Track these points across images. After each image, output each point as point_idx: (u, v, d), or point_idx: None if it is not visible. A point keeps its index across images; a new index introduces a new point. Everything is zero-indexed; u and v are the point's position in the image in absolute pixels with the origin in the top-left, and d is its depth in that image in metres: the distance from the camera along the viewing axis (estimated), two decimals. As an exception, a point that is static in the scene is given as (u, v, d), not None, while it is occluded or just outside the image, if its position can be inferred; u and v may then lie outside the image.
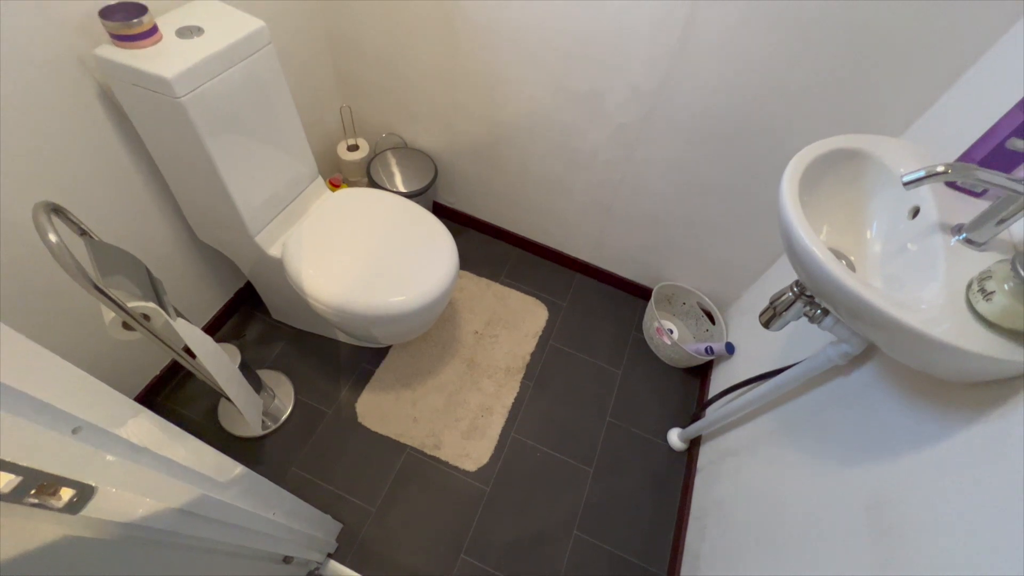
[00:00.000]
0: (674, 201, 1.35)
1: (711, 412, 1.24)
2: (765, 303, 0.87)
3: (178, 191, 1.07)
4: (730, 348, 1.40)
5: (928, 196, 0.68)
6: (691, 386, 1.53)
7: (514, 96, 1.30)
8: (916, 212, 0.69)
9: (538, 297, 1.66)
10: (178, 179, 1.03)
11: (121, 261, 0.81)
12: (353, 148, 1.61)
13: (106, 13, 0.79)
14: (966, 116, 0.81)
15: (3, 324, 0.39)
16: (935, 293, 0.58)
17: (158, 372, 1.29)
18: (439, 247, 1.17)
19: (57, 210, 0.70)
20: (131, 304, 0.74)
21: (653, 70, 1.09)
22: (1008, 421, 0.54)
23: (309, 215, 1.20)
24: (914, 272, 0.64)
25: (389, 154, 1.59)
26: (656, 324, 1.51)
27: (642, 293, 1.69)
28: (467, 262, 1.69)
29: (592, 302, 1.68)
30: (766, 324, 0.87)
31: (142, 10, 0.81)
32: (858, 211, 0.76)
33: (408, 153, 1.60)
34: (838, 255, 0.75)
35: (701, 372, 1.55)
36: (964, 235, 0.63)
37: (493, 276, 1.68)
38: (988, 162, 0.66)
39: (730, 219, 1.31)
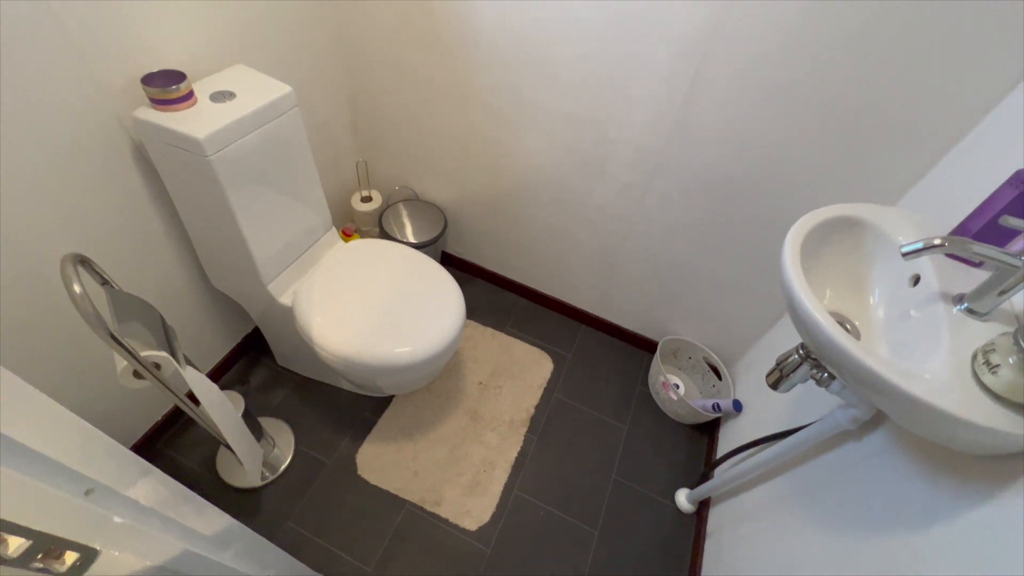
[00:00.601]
0: (679, 257, 1.38)
1: (719, 473, 1.21)
2: (772, 362, 0.87)
3: (197, 239, 1.11)
4: (737, 406, 1.38)
5: (928, 265, 0.69)
6: (698, 443, 1.50)
7: (522, 156, 1.36)
8: (917, 280, 0.71)
9: (543, 348, 1.66)
10: (198, 228, 1.07)
11: (137, 309, 0.83)
12: (367, 199, 1.66)
13: (148, 79, 0.86)
14: (961, 185, 0.84)
15: (19, 379, 0.40)
16: (940, 363, 0.58)
17: (160, 418, 1.28)
18: (446, 299, 1.19)
19: (83, 261, 0.73)
20: (144, 353, 0.75)
21: (656, 134, 1.15)
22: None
23: (321, 265, 1.23)
24: (919, 340, 0.65)
25: (401, 206, 1.65)
26: (662, 378, 1.50)
27: (648, 346, 1.68)
28: (473, 311, 1.71)
29: (597, 354, 1.68)
30: (773, 386, 0.87)
31: (181, 77, 0.88)
32: (860, 277, 0.78)
33: (419, 205, 1.66)
34: (842, 320, 0.76)
35: (708, 429, 1.52)
36: (966, 304, 0.64)
37: (499, 326, 1.69)
38: (984, 235, 0.68)
39: (735, 276, 1.33)
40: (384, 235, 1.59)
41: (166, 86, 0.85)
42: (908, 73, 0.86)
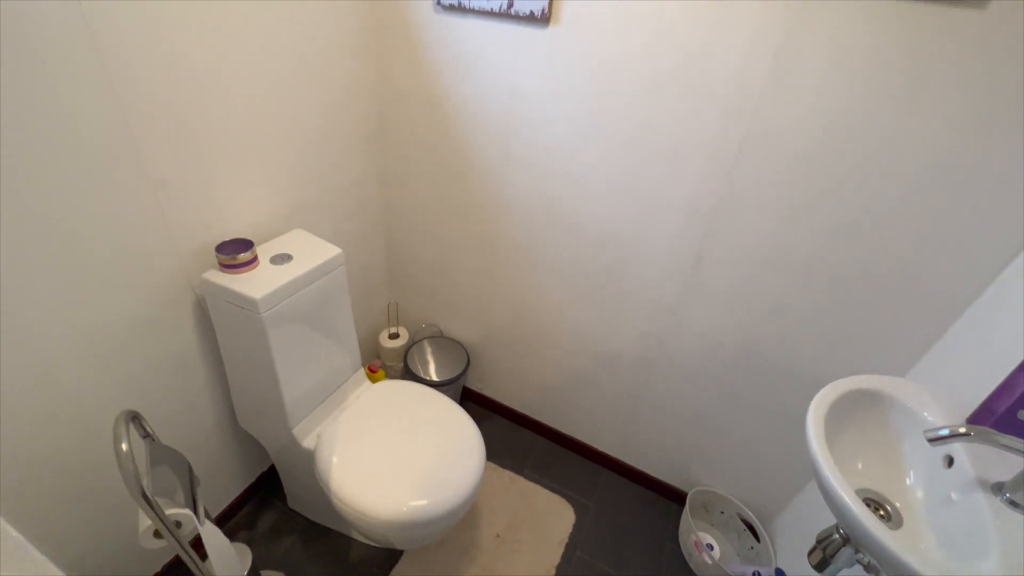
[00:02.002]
0: (703, 406, 1.37)
1: (769, 666, 1.05)
2: (814, 523, 0.81)
3: (234, 382, 1.16)
4: (780, 576, 1.25)
5: (959, 447, 0.69)
6: (741, 620, 1.33)
7: (543, 300, 1.45)
8: (951, 461, 0.69)
9: (564, 495, 1.57)
10: (238, 372, 1.13)
11: (169, 458, 0.85)
12: (394, 336, 1.74)
13: (221, 248, 0.99)
14: (973, 355, 0.86)
15: (13, 531, 0.40)
16: (991, 568, 0.55)
17: (160, 567, 1.22)
18: (467, 450, 1.18)
19: (135, 417, 0.77)
20: (169, 512, 0.75)
21: (669, 290, 1.23)
22: None
23: (346, 407, 1.26)
24: (965, 533, 0.62)
25: (426, 343, 1.71)
26: (694, 537, 1.39)
27: (676, 497, 1.58)
28: (492, 451, 1.66)
29: (622, 503, 1.58)
30: (817, 567, 0.80)
31: (248, 245, 1.01)
32: (891, 453, 0.76)
33: (443, 342, 1.72)
34: (879, 500, 0.73)
35: (750, 602, 1.35)
36: (1007, 495, 0.62)
37: (517, 468, 1.63)
38: (1008, 420, 0.68)
39: (761, 429, 1.30)
40: (407, 371, 1.63)
41: (235, 253, 0.98)
42: (911, 244, 0.91)
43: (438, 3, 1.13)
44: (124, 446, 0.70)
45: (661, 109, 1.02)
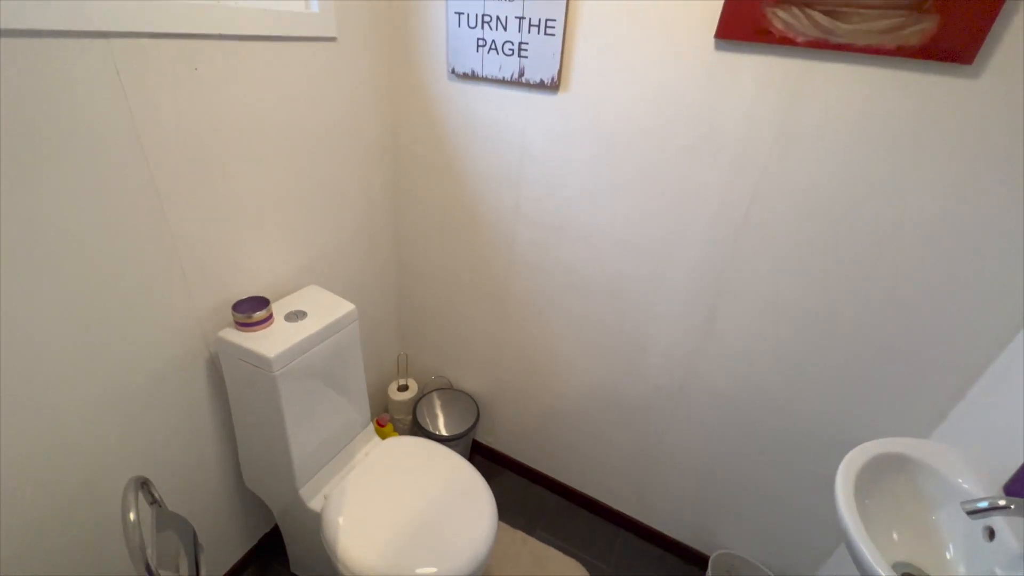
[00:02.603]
0: (721, 464, 1.32)
1: None
2: None
3: (242, 440, 1.14)
4: (815, 652, 1.16)
5: (999, 518, 0.65)
6: None
7: (553, 353, 1.44)
8: (992, 534, 0.66)
9: (579, 558, 1.50)
10: (246, 430, 1.12)
11: (175, 524, 0.82)
12: (403, 388, 1.73)
13: (237, 306, 1.00)
14: (1002, 413, 0.83)
15: None
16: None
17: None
18: (478, 512, 1.13)
19: (144, 484, 0.76)
20: (171, 585, 0.72)
21: (683, 348, 1.22)
22: None
23: (354, 466, 1.22)
24: (1017, 617, 0.58)
25: (435, 395, 1.69)
26: (718, 607, 1.30)
27: (697, 560, 1.50)
28: (504, 509, 1.60)
29: (640, 568, 1.50)
30: (856, 649, 0.75)
31: (264, 303, 1.02)
32: (927, 523, 0.73)
33: (453, 395, 1.70)
34: (919, 575, 0.69)
35: None
36: (1058, 573, 0.58)
37: (529, 528, 1.57)
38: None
39: (782, 488, 1.25)
40: (416, 425, 1.60)
41: (251, 312, 0.99)
42: (929, 297, 0.91)
43: (452, 72, 1.20)
44: (132, 516, 0.68)
45: (668, 168, 1.05)
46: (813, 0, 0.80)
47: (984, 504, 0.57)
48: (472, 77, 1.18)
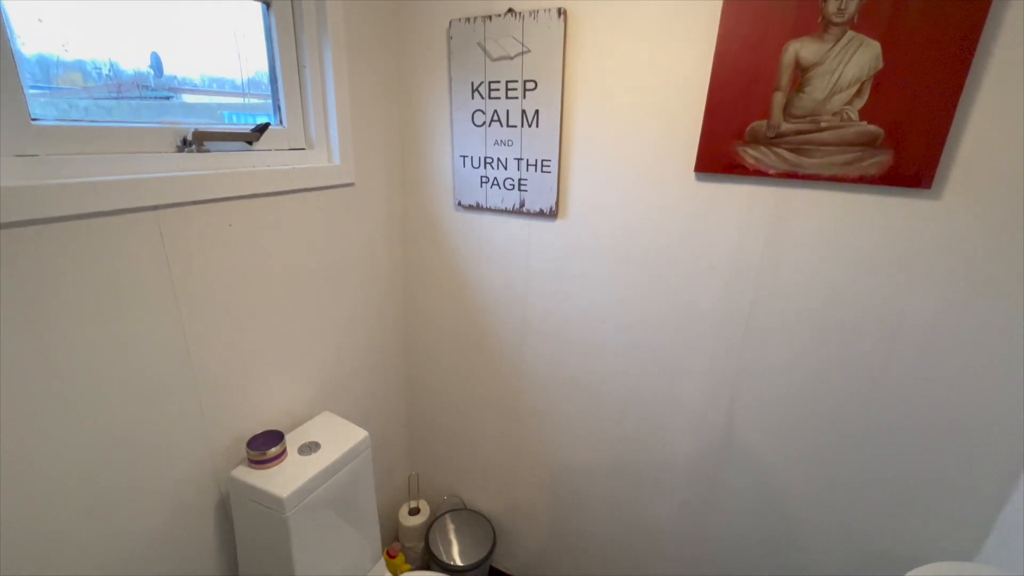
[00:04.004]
0: (760, 587, 1.21)
1: None
2: None
3: (247, 587, 1.07)
4: None
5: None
6: None
7: (570, 469, 1.39)
8: None
9: None
10: (252, 570, 1.05)
11: None
12: (415, 511, 1.64)
13: (251, 442, 1.00)
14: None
15: None
16: None
17: None
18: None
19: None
20: None
21: (703, 459, 1.18)
22: None
23: (365, 610, 1.13)
24: None
25: (448, 519, 1.60)
26: None
27: None
28: (526, 653, 1.44)
29: None
30: None
31: (279, 438, 1.02)
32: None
33: (467, 516, 1.61)
34: None
35: None
36: None
37: (557, 675, 1.39)
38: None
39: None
40: (429, 553, 1.50)
41: (265, 448, 0.98)
42: (943, 395, 0.91)
43: (458, 204, 1.31)
44: None
45: (666, 285, 1.11)
46: (778, 139, 0.91)
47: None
48: (477, 208, 1.28)
